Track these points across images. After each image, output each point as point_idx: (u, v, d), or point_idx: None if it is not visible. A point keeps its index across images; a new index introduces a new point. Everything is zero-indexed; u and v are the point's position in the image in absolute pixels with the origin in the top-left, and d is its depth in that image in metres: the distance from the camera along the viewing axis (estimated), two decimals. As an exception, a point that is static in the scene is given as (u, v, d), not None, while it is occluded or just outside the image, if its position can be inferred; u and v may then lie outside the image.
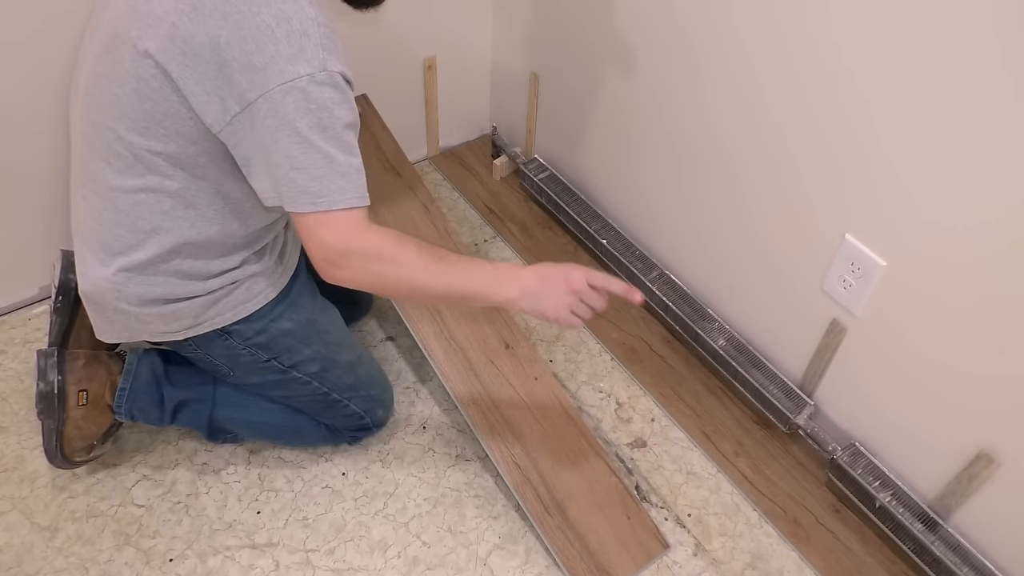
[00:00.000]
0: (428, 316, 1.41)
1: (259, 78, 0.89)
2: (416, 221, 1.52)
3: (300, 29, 0.89)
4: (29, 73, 1.34)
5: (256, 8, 0.89)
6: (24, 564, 1.23)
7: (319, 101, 0.90)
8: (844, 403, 1.35)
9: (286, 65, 0.89)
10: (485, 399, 1.35)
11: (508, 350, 1.41)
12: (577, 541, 1.24)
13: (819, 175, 1.20)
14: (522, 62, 1.80)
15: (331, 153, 0.92)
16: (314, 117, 0.90)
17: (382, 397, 1.37)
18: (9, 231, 1.49)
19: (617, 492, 1.29)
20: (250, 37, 0.89)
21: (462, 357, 1.39)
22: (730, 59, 1.26)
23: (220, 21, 0.89)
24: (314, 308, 1.24)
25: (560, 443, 1.32)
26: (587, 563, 1.22)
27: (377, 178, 1.55)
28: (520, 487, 1.28)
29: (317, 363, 1.24)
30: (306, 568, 1.25)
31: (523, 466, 1.30)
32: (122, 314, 1.10)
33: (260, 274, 1.16)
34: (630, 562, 1.24)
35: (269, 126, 0.91)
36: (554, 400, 1.37)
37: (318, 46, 0.90)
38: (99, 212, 1.06)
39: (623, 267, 1.63)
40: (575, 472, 1.30)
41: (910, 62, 1.00)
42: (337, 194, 0.93)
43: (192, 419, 1.30)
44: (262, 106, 0.90)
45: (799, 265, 1.30)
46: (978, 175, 0.99)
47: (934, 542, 1.19)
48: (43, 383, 1.20)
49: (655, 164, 1.53)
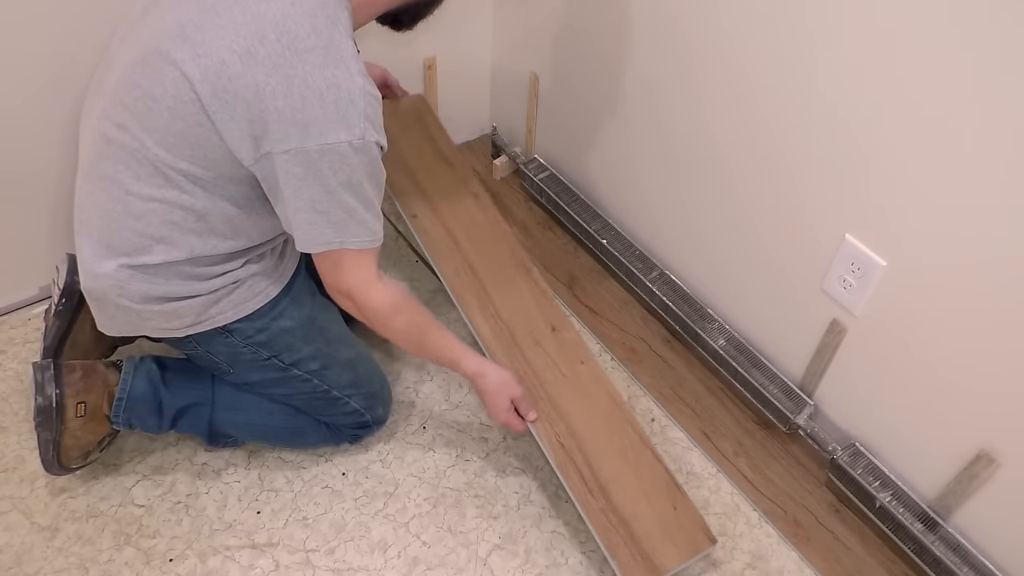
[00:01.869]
0: (475, 293, 1.41)
1: (299, 133, 0.95)
2: (469, 207, 1.57)
3: (347, 97, 0.95)
4: (32, 76, 1.34)
5: (309, 68, 0.94)
6: (24, 564, 1.23)
7: (352, 165, 0.97)
8: (844, 403, 1.35)
9: (328, 128, 0.95)
10: (530, 376, 1.34)
11: (554, 332, 1.40)
12: (621, 526, 1.20)
13: (819, 175, 1.20)
14: (522, 62, 1.80)
15: (352, 205, 1.01)
16: (344, 176, 0.98)
17: (381, 394, 1.37)
18: (10, 231, 1.49)
19: (663, 482, 1.25)
20: (298, 94, 0.93)
21: (508, 335, 1.38)
22: (730, 59, 1.26)
23: (272, 71, 0.93)
24: (314, 306, 1.25)
25: (606, 428, 1.29)
26: (631, 549, 1.18)
27: (429, 167, 1.62)
28: (563, 466, 1.25)
29: (317, 361, 1.24)
30: (306, 568, 1.25)
31: (567, 446, 1.27)
32: (123, 310, 1.11)
33: (261, 273, 1.16)
34: (676, 553, 1.19)
35: (299, 174, 0.97)
36: (600, 386, 1.35)
37: (361, 115, 0.96)
38: (108, 212, 1.06)
39: (623, 267, 1.63)
40: (621, 458, 1.26)
41: (910, 62, 1.00)
42: (351, 237, 1.03)
43: (192, 424, 1.30)
44: (297, 157, 0.96)
45: (799, 265, 1.30)
46: (979, 175, 0.99)
47: (934, 542, 1.19)
48: (41, 397, 1.18)
49: (655, 164, 1.53)
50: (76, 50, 1.34)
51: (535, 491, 1.36)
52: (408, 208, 1.54)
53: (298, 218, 1.01)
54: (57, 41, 1.33)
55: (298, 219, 1.01)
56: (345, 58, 0.96)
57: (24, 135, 1.39)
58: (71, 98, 1.36)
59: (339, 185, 0.98)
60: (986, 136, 0.96)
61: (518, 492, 1.36)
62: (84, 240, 1.10)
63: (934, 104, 1.00)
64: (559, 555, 1.28)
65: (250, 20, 0.94)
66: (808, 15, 1.11)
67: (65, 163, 1.43)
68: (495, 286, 1.45)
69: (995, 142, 0.95)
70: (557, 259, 1.76)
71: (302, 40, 0.94)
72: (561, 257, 1.77)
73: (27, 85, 1.35)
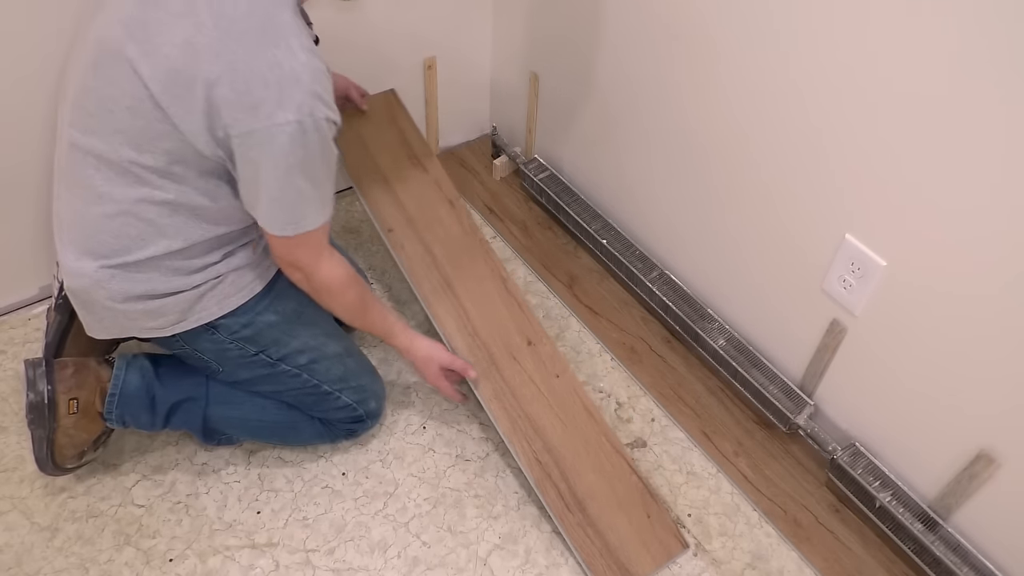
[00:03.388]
0: (452, 310, 1.43)
1: (248, 117, 0.95)
2: (442, 217, 1.54)
3: (291, 75, 0.94)
4: (29, 74, 1.34)
5: (250, 51, 0.93)
6: (24, 564, 1.23)
7: (302, 143, 0.97)
8: (844, 403, 1.35)
9: (275, 109, 0.94)
10: (507, 395, 1.36)
11: (530, 347, 1.42)
12: (597, 538, 1.25)
13: (819, 175, 1.20)
14: (522, 62, 1.80)
15: (303, 186, 1.02)
16: (296, 158, 0.98)
17: (373, 387, 1.36)
18: (10, 231, 1.49)
19: (637, 491, 1.30)
20: (241, 79, 0.93)
21: (485, 352, 1.39)
22: (730, 59, 1.26)
23: (213, 59, 0.93)
24: (300, 300, 1.24)
25: (581, 441, 1.33)
26: (607, 560, 1.23)
27: (403, 172, 1.58)
28: (541, 483, 1.29)
29: (306, 355, 1.25)
30: (306, 568, 1.25)
31: (544, 463, 1.30)
32: (108, 311, 1.11)
33: (245, 267, 1.17)
34: (650, 560, 1.25)
35: (254, 158, 0.98)
36: (575, 398, 1.37)
37: (307, 92, 0.95)
38: (83, 216, 1.07)
39: (623, 267, 1.63)
40: (596, 471, 1.30)
41: (910, 62, 1.00)
42: (303, 220, 1.06)
43: (186, 420, 1.30)
44: (249, 141, 0.97)
45: (799, 265, 1.30)
46: (979, 175, 0.99)
47: (934, 542, 1.19)
48: (32, 393, 1.18)
49: (655, 164, 1.53)
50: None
51: (535, 491, 1.36)
52: (383, 222, 1.51)
53: (256, 200, 1.03)
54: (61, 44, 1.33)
55: (256, 201, 1.03)
56: (285, 35, 0.95)
57: (24, 136, 1.39)
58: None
59: (291, 167, 0.99)
60: (986, 136, 0.96)
61: (518, 492, 1.36)
62: (64, 245, 1.11)
63: (934, 104, 1.00)
64: (559, 555, 1.28)
65: (185, 9, 0.94)
66: (808, 15, 1.11)
67: (65, 163, 1.44)
68: (473, 302, 1.45)
69: (995, 142, 0.95)
70: (557, 259, 1.76)
71: (238, 23, 0.94)
72: (561, 257, 1.77)
73: (29, 87, 1.35)
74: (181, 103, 0.96)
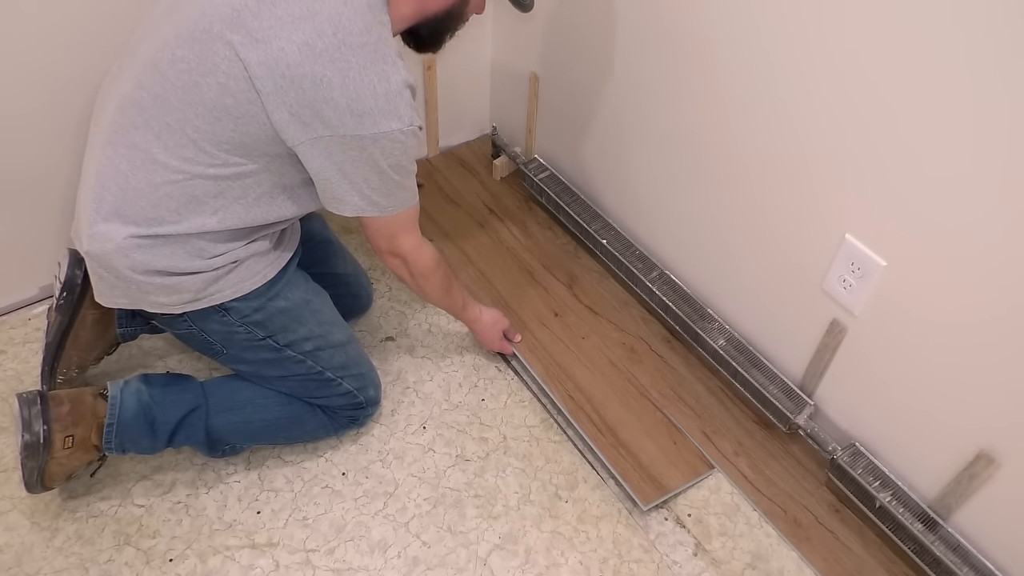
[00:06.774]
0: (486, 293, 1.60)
1: (354, 122, 1.04)
2: (476, 234, 1.75)
3: (397, 90, 1.06)
4: (32, 76, 1.34)
5: (362, 63, 1.03)
6: (24, 564, 1.23)
7: (401, 148, 1.10)
8: (844, 403, 1.35)
9: (381, 119, 1.05)
10: (539, 348, 1.56)
11: (557, 317, 1.62)
12: (629, 457, 1.39)
13: (819, 175, 1.20)
14: (522, 62, 1.80)
15: (400, 180, 1.15)
16: (394, 159, 1.10)
17: (371, 376, 1.39)
18: (10, 231, 1.49)
19: (663, 424, 1.45)
20: (353, 86, 1.03)
21: (515, 318, 1.60)
22: (730, 59, 1.26)
23: (328, 63, 1.02)
24: (308, 289, 1.28)
25: (609, 385, 1.51)
26: (640, 474, 1.37)
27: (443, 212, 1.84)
28: (575, 413, 1.45)
29: (311, 342, 1.27)
30: (306, 568, 1.25)
31: (576, 399, 1.48)
32: (124, 280, 1.12)
33: (261, 254, 1.19)
34: (679, 477, 1.38)
35: (354, 156, 1.08)
36: (601, 354, 1.57)
37: (408, 104, 1.08)
38: (127, 180, 1.08)
39: (623, 267, 1.63)
40: (623, 407, 1.47)
41: (909, 62, 1.00)
42: (398, 205, 1.18)
43: (190, 435, 1.28)
44: (352, 143, 1.06)
45: (799, 265, 1.30)
46: (979, 175, 0.99)
47: (934, 542, 1.19)
48: (28, 434, 1.16)
49: (655, 164, 1.53)
50: (81, 58, 1.35)
51: (535, 491, 1.36)
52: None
53: (351, 192, 1.12)
54: (64, 50, 1.34)
55: (351, 193, 1.12)
56: (391, 54, 1.06)
57: (26, 137, 1.39)
58: (75, 102, 1.37)
59: (389, 167, 1.10)
60: (986, 136, 0.96)
61: (518, 492, 1.36)
62: (93, 206, 1.10)
63: (934, 104, 1.00)
64: (559, 555, 1.28)
65: (307, 15, 1.02)
66: (808, 16, 1.11)
67: (66, 166, 1.44)
68: (505, 288, 1.69)
69: (995, 142, 0.95)
70: (557, 259, 1.76)
71: (356, 36, 1.03)
72: (561, 257, 1.77)
73: (32, 90, 1.35)
74: (282, 93, 1.02)
